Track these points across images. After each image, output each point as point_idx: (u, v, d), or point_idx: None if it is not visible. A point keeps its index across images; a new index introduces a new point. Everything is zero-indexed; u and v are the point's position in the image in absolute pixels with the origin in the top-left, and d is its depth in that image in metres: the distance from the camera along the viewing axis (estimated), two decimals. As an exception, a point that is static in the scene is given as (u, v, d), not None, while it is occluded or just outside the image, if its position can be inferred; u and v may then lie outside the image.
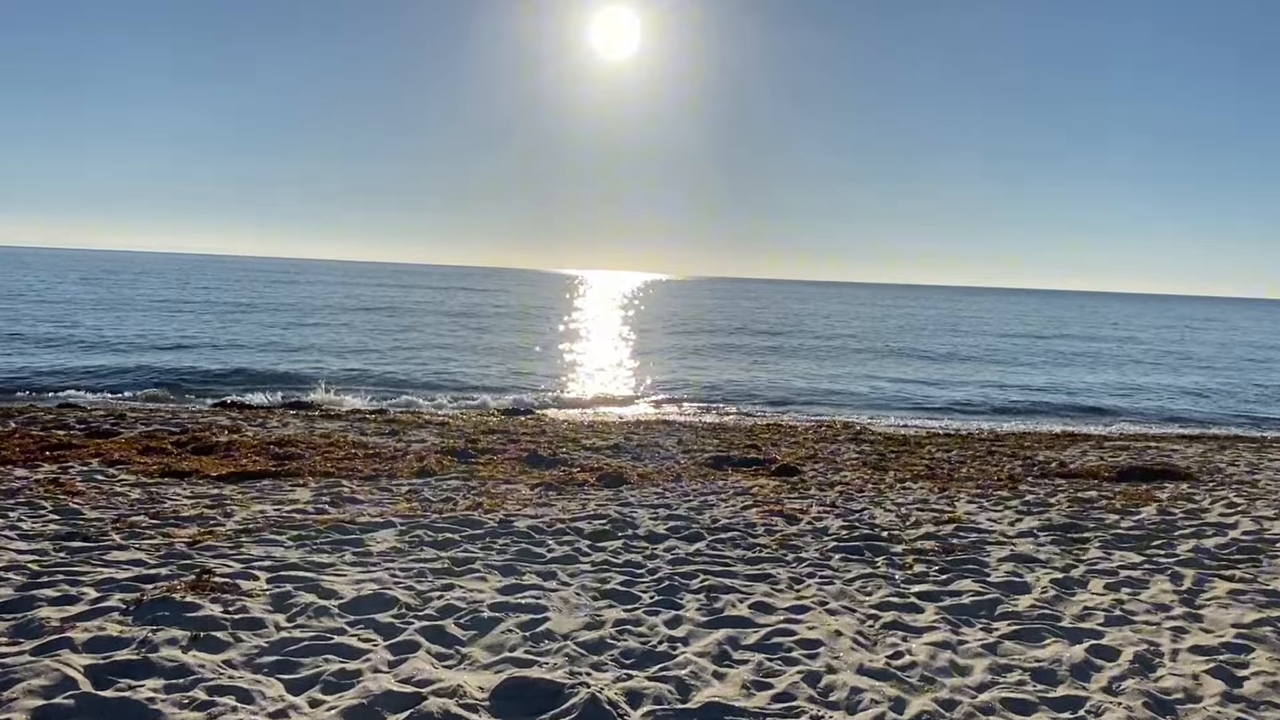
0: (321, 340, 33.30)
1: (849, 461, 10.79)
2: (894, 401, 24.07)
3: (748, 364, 31.40)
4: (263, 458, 9.53)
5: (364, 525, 6.05)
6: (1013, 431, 16.71)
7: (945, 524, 6.93)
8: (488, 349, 33.18)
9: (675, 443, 11.86)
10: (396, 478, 8.67)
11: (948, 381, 28.93)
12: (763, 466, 10.05)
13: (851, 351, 38.48)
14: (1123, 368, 35.59)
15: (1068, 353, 42.33)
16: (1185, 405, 24.59)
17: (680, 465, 10.01)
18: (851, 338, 46.97)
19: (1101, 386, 29.00)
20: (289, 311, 47.48)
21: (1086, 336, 56.35)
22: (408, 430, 12.08)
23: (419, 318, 48.28)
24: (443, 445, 10.61)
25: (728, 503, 7.67)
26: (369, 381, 24.02)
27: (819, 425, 16.60)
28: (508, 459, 9.94)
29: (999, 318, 79.89)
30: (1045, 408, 23.75)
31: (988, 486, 9.27)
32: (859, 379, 28.73)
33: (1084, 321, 78.75)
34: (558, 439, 11.77)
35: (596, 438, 12.10)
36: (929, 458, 11.44)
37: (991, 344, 46.51)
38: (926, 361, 35.36)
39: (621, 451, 10.85)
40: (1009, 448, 12.85)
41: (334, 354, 29.31)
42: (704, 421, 17.04)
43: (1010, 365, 35.01)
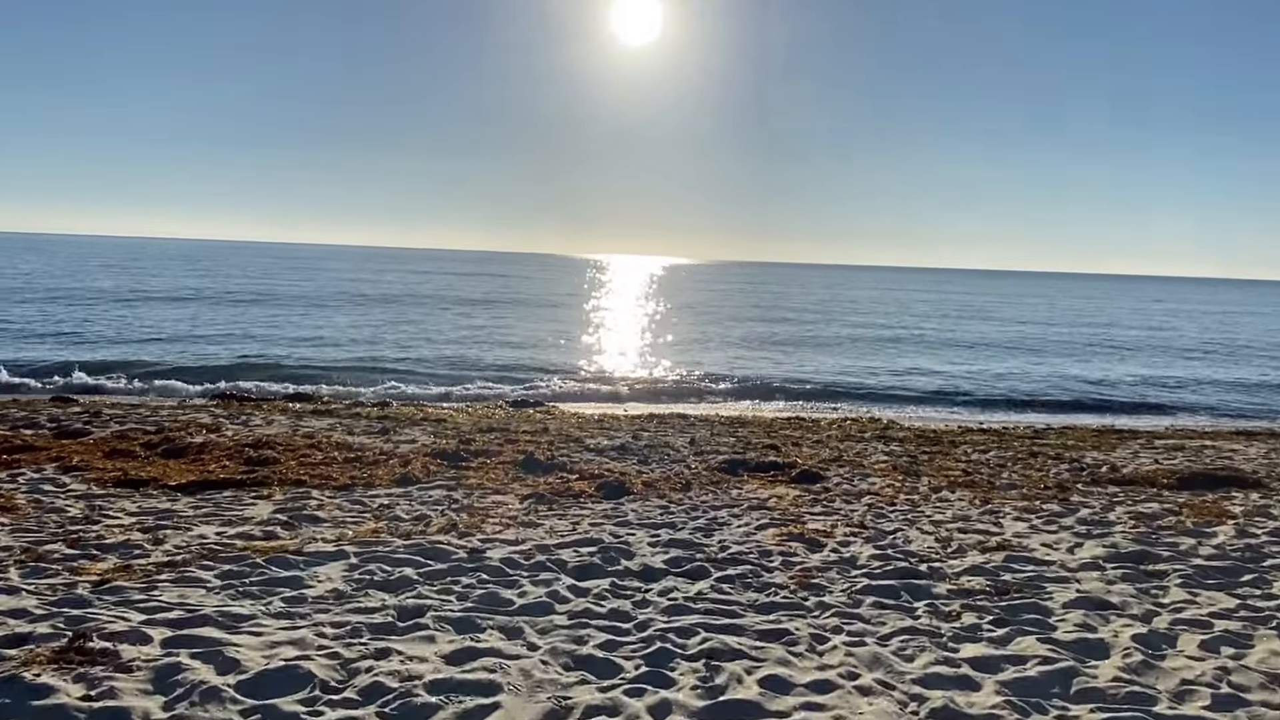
0: (332, 328, 32.67)
1: (878, 465, 9.80)
2: (922, 393, 22.98)
3: (769, 352, 30.37)
4: (234, 462, 8.72)
5: (312, 556, 5.18)
6: (1052, 427, 15.62)
7: (993, 550, 5.95)
8: (503, 337, 32.40)
9: (687, 442, 10.93)
10: (374, 487, 7.82)
11: (978, 373, 27.75)
12: (782, 472, 9.09)
13: (876, 340, 37.33)
14: (1162, 356, 34.15)
15: (1101, 341, 40.86)
16: (1235, 398, 23.26)
17: (690, 470, 9.07)
18: (876, 325, 45.75)
19: (1139, 377, 27.70)
20: (300, 300, 47.00)
21: (1119, 324, 54.68)
22: (400, 428, 11.24)
23: (435, 305, 47.65)
24: (433, 446, 9.75)
25: (741, 520, 6.73)
26: (376, 371, 23.30)
27: (844, 421, 15.60)
28: (501, 463, 9.06)
29: (1023, 303, 78.12)
30: (1084, 400, 22.56)
31: (1034, 497, 8.26)
32: (884, 368, 27.63)
33: (1114, 308, 76.83)
34: (560, 438, 10.87)
35: (603, 436, 11.20)
36: (965, 460, 10.43)
37: (1019, 331, 45.08)
38: (954, 349, 34.14)
39: (627, 453, 9.93)
40: (1052, 447, 11.79)
41: (344, 343, 28.64)
42: (721, 415, 16.08)
43: (1041, 354, 33.72)
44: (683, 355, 29.00)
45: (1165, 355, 34.56)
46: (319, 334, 30.47)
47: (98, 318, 32.00)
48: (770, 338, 36.05)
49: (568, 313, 45.19)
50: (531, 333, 34.22)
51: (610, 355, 28.72)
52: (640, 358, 28.11)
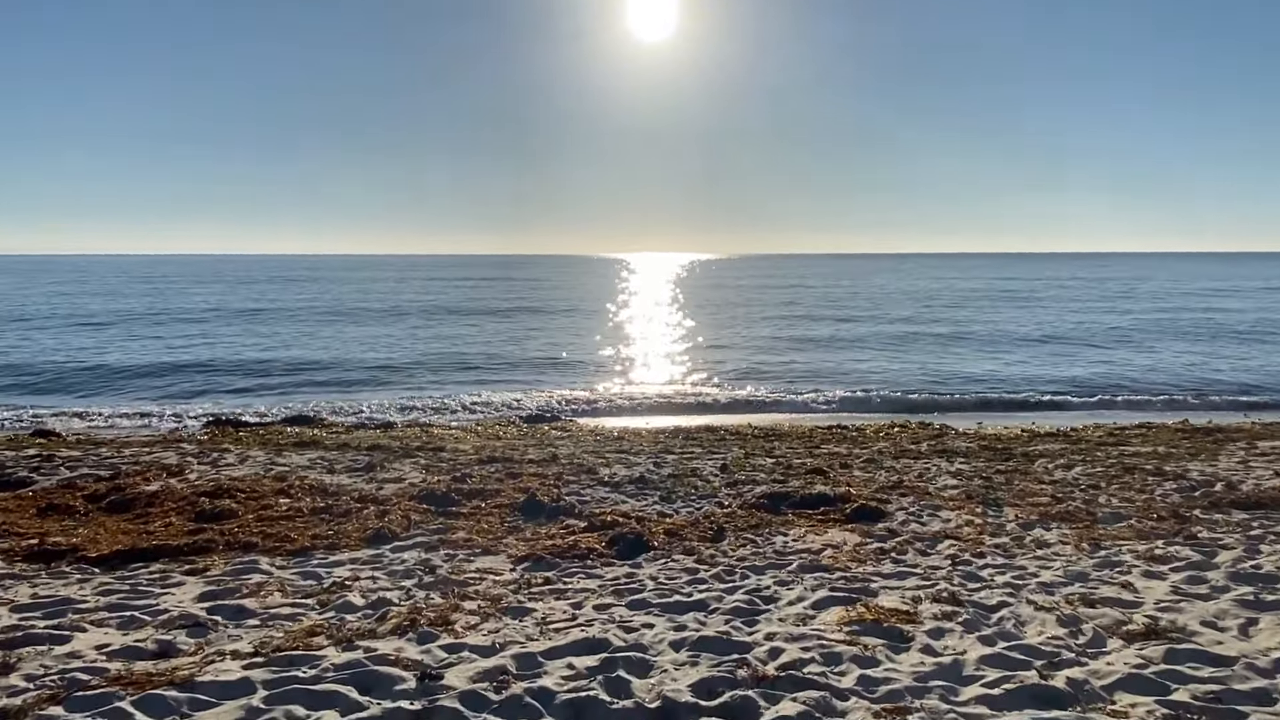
0: (344, 342, 31.52)
1: (947, 493, 8.23)
2: (968, 390, 21.23)
3: (801, 352, 28.73)
4: (181, 518, 7.37)
5: (205, 687, 3.75)
6: (1125, 427, 13.89)
7: (1142, 638, 4.38)
8: (522, 347, 31.06)
9: (718, 468, 9.41)
10: (338, 549, 6.42)
11: (1027, 363, 25.92)
12: (834, 507, 7.55)
13: (909, 335, 35.53)
14: (1215, 341, 32.00)
15: (1143, 326, 38.74)
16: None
17: (724, 509, 7.56)
18: (908, 318, 43.87)
19: (1200, 364, 25.70)
20: (307, 313, 46.07)
21: (1162, 307, 52.17)
22: (391, 461, 9.84)
23: (451, 314, 46.51)
24: (421, 486, 8.33)
25: (792, 591, 5.21)
26: (388, 386, 22.02)
27: (891, 429, 13.99)
28: (498, 506, 7.62)
29: (1051, 287, 75.56)
30: (1142, 391, 20.70)
31: (1151, 533, 6.66)
32: (922, 364, 25.90)
33: (1151, 288, 74.02)
34: (571, 468, 9.41)
35: (619, 464, 9.72)
36: (1048, 479, 8.82)
37: (1058, 318, 42.99)
38: (993, 341, 32.26)
39: (647, 487, 8.44)
40: (1142, 456, 10.12)
41: (355, 356, 27.44)
42: (754, 426, 14.54)
43: (1081, 344, 31.76)
44: (709, 358, 27.47)
45: (1216, 339, 32.43)
46: (329, 348, 29.33)
47: (139, 334, 31.14)
48: (801, 336, 34.39)
49: (587, 318, 43.80)
50: (551, 341, 32.87)
51: (633, 362, 27.28)
52: (665, 363, 26.64)
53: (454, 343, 31.59)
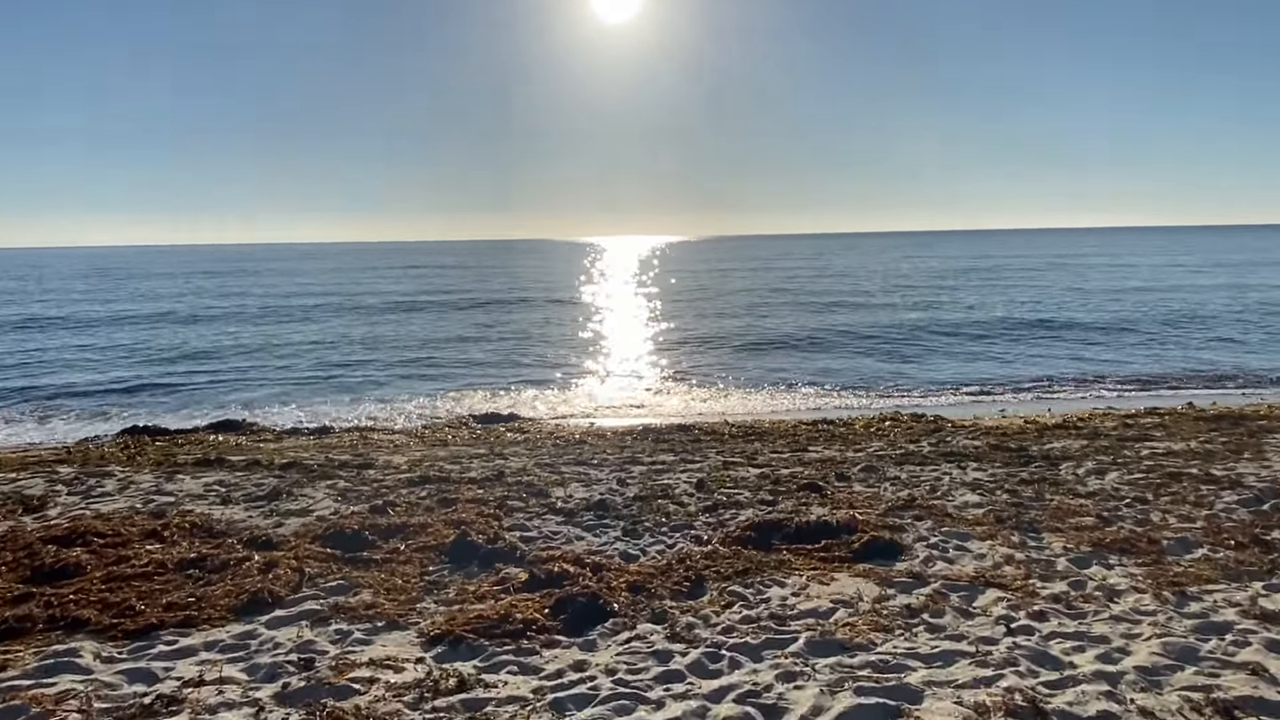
0: (292, 337, 29.60)
1: (970, 512, 6.81)
2: (956, 379, 19.97)
3: (777, 337, 27.34)
4: (11, 577, 5.73)
5: None
6: (1135, 414, 12.64)
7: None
8: (484, 338, 29.37)
9: (693, 485, 7.91)
10: (195, 624, 4.86)
11: (1007, 353, 24.79)
12: (838, 539, 6.09)
13: (882, 317, 34.36)
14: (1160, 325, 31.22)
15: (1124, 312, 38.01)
16: None
17: (701, 547, 6.07)
18: (879, 296, 42.77)
19: (1148, 341, 24.78)
20: (254, 307, 43.95)
21: (1118, 288, 51.70)
22: (303, 485, 8.22)
23: (411, 304, 44.58)
24: (330, 522, 6.75)
25: (804, 694, 3.74)
26: (336, 384, 20.24)
27: (882, 423, 12.63)
28: (420, 550, 6.07)
29: (1031, 262, 75.11)
30: (1156, 375, 19.59)
31: (1240, 571, 5.30)
32: (905, 351, 24.63)
33: (1107, 262, 73.90)
34: (519, 488, 7.87)
35: (578, 481, 8.20)
36: (1082, 489, 7.45)
37: (1040, 295, 42.12)
38: (970, 321, 31.17)
39: (608, 515, 6.93)
40: (1178, 455, 8.80)
41: (303, 352, 25.60)
42: (731, 422, 13.10)
43: (1076, 328, 30.79)
44: (681, 349, 26.00)
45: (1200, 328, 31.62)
46: (277, 344, 27.41)
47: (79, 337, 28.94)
48: (774, 321, 33.04)
49: (553, 307, 42.09)
50: (513, 332, 31.19)
51: (600, 354, 25.71)
52: (633, 355, 25.11)
53: (410, 336, 29.82)
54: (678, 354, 24.16)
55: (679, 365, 22.01)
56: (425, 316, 36.13)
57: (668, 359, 23.25)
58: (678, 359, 23.08)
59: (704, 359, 22.90)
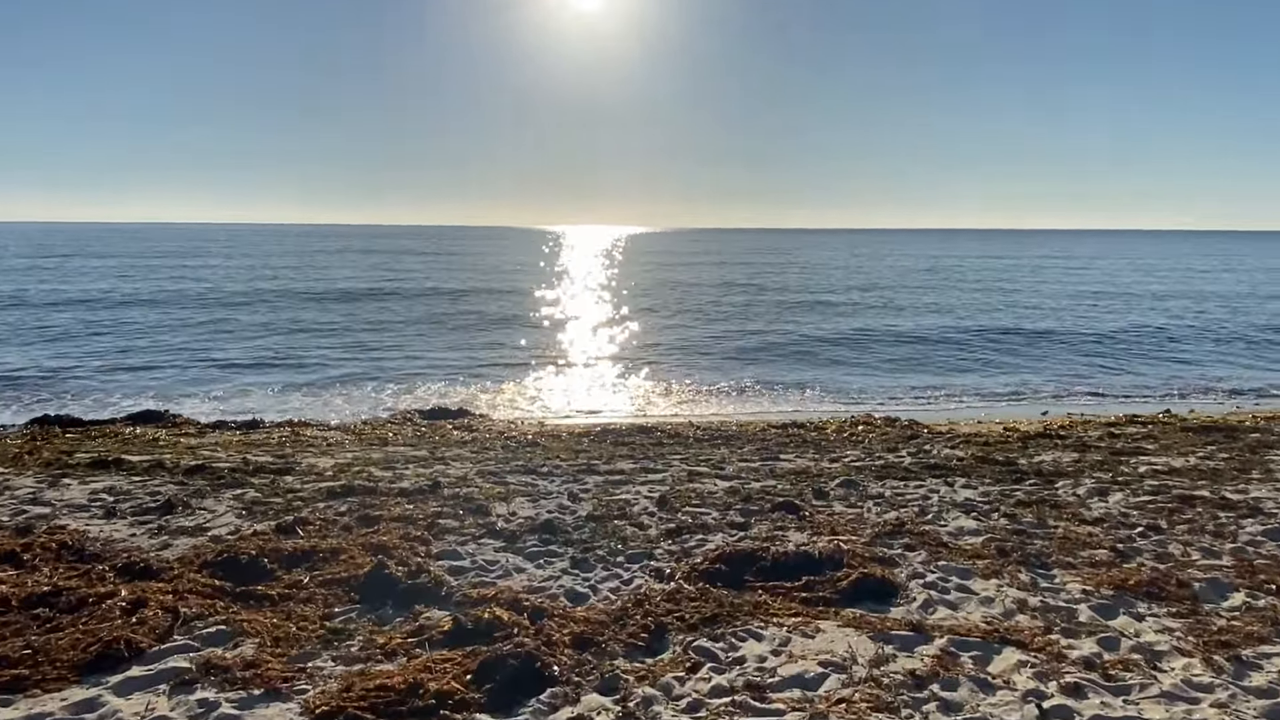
0: (238, 324, 28.14)
1: (967, 540, 6.00)
2: (924, 381, 19.32)
3: (744, 334, 26.55)
4: None
5: None
6: (1117, 422, 12.00)
7: None
8: (441, 326, 28.17)
9: (655, 503, 7.00)
10: (22, 689, 3.82)
11: (970, 357, 24.28)
12: (821, 576, 5.22)
13: (844, 316, 33.84)
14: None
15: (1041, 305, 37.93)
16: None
17: (663, 583, 5.16)
18: (846, 295, 42.35)
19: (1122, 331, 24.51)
20: (187, 294, 42.22)
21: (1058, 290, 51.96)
22: (202, 496, 7.14)
23: (361, 291, 43.14)
24: (225, 545, 5.71)
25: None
26: (271, 378, 18.98)
27: (854, 425, 11.85)
28: (327, 583, 5.08)
29: (1000, 263, 75.65)
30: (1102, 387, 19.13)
31: (1294, 626, 4.52)
32: (873, 351, 24.01)
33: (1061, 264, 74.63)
34: (455, 503, 6.88)
35: (524, 494, 7.24)
36: (1087, 513, 6.68)
37: (1009, 299, 42.00)
38: (937, 324, 30.73)
39: (556, 539, 5.98)
40: (1180, 473, 8.10)
41: (245, 341, 24.23)
42: (695, 424, 12.23)
43: (1048, 334, 30.50)
44: (644, 342, 25.11)
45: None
46: (212, 329, 25.96)
47: None
48: (740, 316, 32.27)
49: (514, 297, 40.88)
50: (471, 321, 30.03)
51: (560, 346, 24.70)
52: (594, 348, 24.14)
53: (359, 324, 28.52)
54: (641, 350, 23.26)
55: (642, 362, 21.11)
56: (376, 304, 34.75)
57: (631, 355, 22.34)
58: (641, 355, 22.18)
59: (668, 355, 22.03)
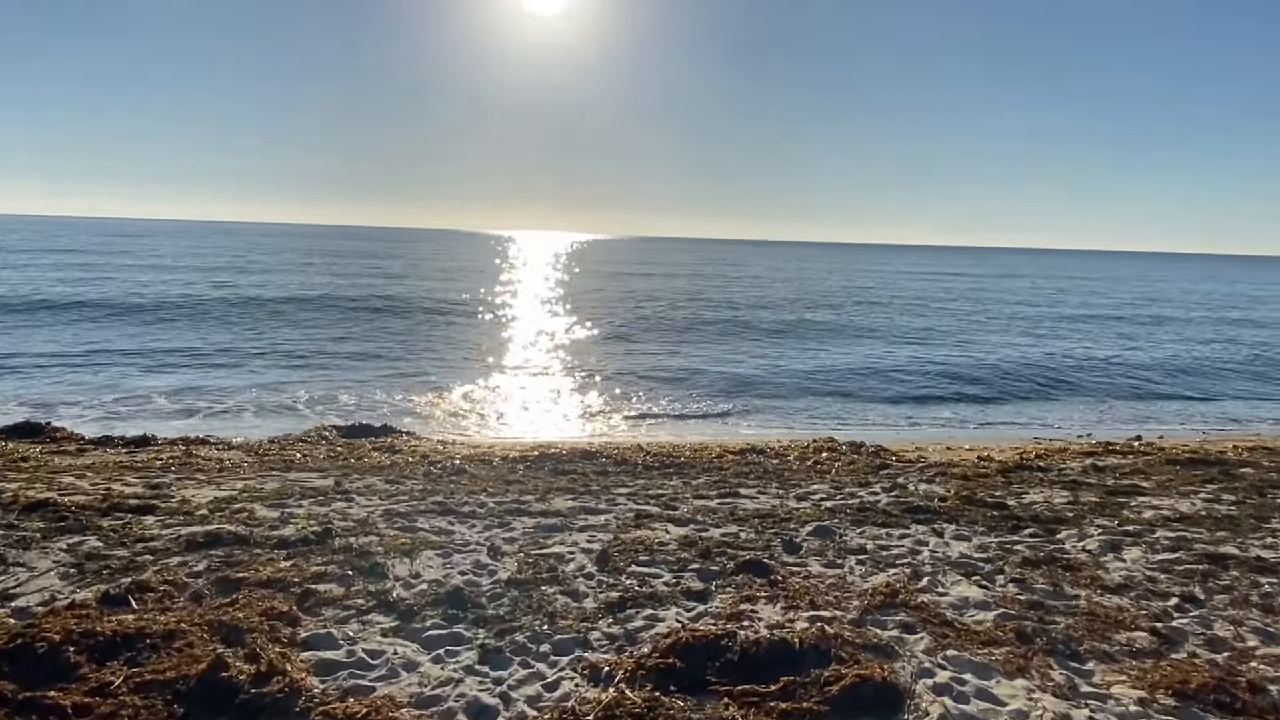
0: (148, 325, 26.15)
1: (974, 617, 4.89)
2: (878, 396, 18.44)
3: (694, 346, 25.47)
4: None
5: None
6: (1094, 451, 11.14)
7: None
8: (375, 332, 26.54)
9: (593, 558, 5.75)
10: None
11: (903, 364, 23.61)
12: (803, 675, 4.04)
13: (792, 330, 33.11)
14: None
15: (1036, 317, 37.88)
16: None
17: (599, 694, 3.92)
18: (791, 307, 41.75)
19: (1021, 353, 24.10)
20: (88, 297, 39.82)
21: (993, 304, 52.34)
22: (24, 549, 5.67)
23: (292, 295, 41.12)
24: (23, 625, 4.30)
25: None
26: (182, 385, 17.27)
27: (817, 452, 10.78)
28: (139, 691, 3.73)
29: (945, 283, 76.33)
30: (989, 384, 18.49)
31: None
32: (823, 364, 23.13)
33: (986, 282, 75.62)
34: (345, 560, 5.54)
35: (434, 548, 5.93)
36: (1105, 576, 5.63)
37: (960, 313, 41.80)
38: (901, 340, 30.12)
39: (464, 617, 4.70)
40: (1193, 522, 7.14)
41: (154, 343, 22.37)
42: (646, 448, 11.02)
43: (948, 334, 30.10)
44: (591, 353, 23.86)
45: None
46: (119, 330, 23.98)
47: None
48: (691, 329, 31.24)
49: (456, 304, 39.21)
50: (408, 328, 28.43)
51: (502, 358, 23.28)
52: (537, 361, 22.76)
53: (287, 327, 26.75)
54: (589, 363, 22.00)
55: (590, 376, 19.86)
56: (308, 307, 32.86)
57: (578, 368, 21.06)
58: (589, 369, 20.92)
59: (618, 370, 20.81)
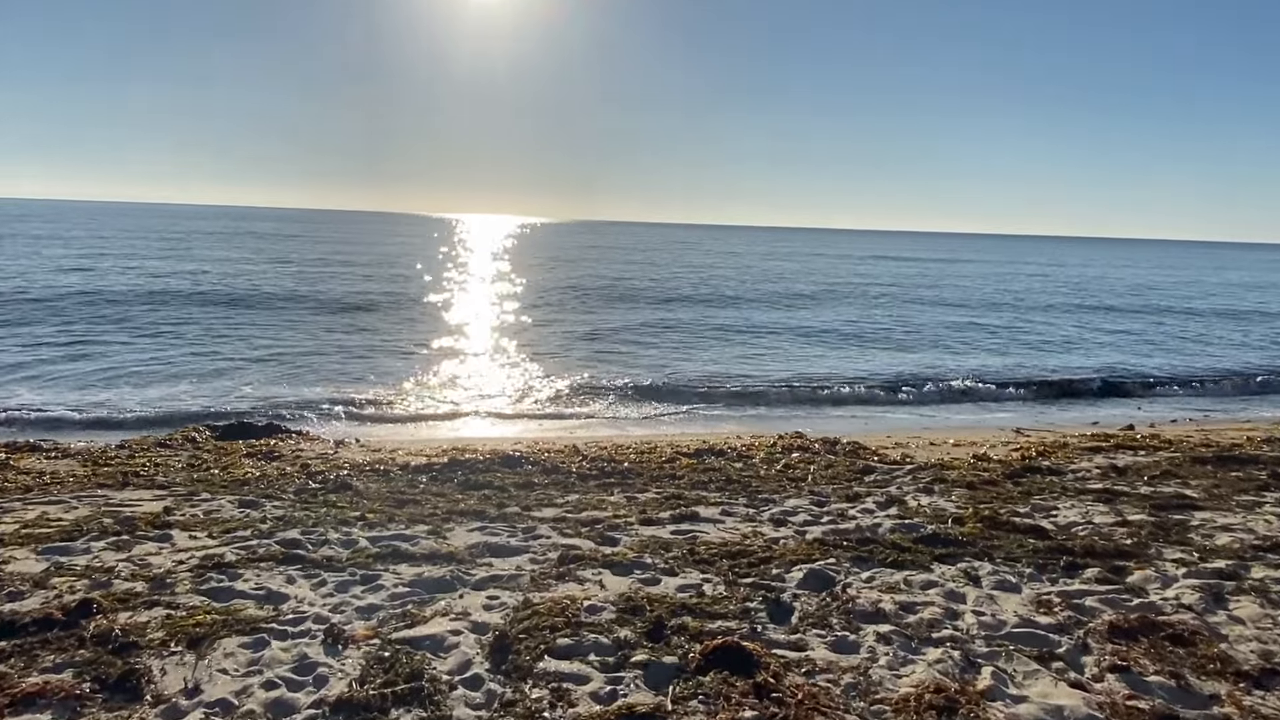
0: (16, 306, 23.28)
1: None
2: (840, 380, 16.85)
3: (641, 333, 23.50)
4: None
5: None
6: (1101, 446, 9.55)
7: None
8: (287, 319, 24.01)
9: (483, 652, 3.81)
10: None
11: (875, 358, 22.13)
12: None
13: (744, 310, 31.48)
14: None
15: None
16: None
17: None
18: (738, 289, 40.16)
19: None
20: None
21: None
22: None
23: (216, 281, 38.13)
24: None
25: None
26: (37, 375, 14.79)
27: (788, 451, 9.01)
28: None
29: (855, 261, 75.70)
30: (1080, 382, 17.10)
31: None
32: (780, 347, 21.45)
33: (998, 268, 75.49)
34: (101, 656, 3.52)
35: (247, 631, 3.92)
36: (1238, 655, 3.90)
37: (933, 318, 40.68)
38: (859, 318, 28.68)
39: None
40: (1260, 539, 5.50)
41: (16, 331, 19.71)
42: (583, 450, 9.09)
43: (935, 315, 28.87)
44: (528, 337, 21.79)
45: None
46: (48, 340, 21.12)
47: None
48: (635, 311, 29.34)
49: (386, 286, 36.52)
50: (323, 313, 25.90)
51: (429, 343, 21.00)
52: (469, 346, 20.55)
53: (196, 310, 24.13)
54: (524, 347, 19.95)
55: (522, 367, 17.81)
56: (221, 294, 30.05)
57: (510, 359, 18.98)
58: (522, 359, 18.85)
59: (554, 359, 18.80)
